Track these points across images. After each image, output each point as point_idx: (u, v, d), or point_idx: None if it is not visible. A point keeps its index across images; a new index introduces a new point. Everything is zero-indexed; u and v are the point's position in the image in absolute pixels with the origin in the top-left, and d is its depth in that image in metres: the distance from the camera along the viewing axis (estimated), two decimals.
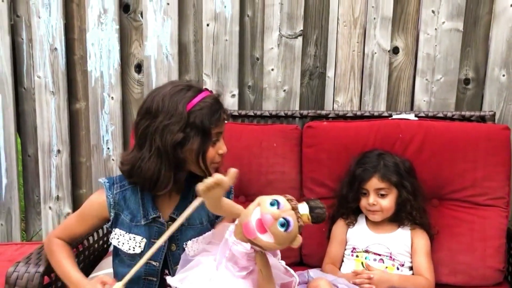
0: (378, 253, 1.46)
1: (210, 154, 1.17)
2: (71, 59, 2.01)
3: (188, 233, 1.22)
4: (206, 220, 1.26)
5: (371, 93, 1.84)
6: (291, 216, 1.03)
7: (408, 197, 1.44)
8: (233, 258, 1.07)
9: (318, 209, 1.07)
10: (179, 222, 1.06)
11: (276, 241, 1.02)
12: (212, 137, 1.16)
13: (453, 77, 1.79)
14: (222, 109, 1.18)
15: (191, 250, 1.20)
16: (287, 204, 1.05)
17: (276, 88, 1.90)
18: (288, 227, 1.02)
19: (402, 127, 1.58)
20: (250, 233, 1.03)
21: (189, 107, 1.13)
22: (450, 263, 1.47)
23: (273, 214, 1.02)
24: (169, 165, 1.14)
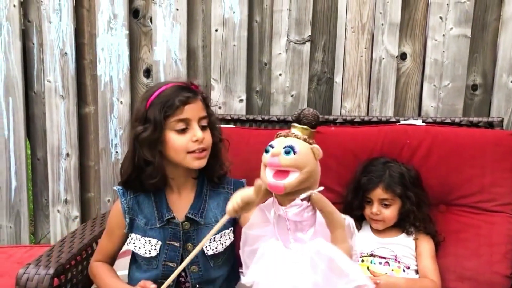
0: (383, 256, 1.46)
1: (179, 143, 1.17)
2: (81, 64, 2.04)
3: (204, 232, 1.23)
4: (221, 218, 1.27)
5: (379, 98, 1.85)
6: (289, 141, 1.02)
7: (411, 208, 1.45)
8: (296, 226, 1.06)
9: (302, 114, 1.06)
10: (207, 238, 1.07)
11: (301, 169, 1.00)
12: (168, 126, 1.17)
13: (460, 83, 1.79)
14: (178, 95, 1.17)
15: (209, 249, 1.22)
16: (278, 139, 1.05)
17: (284, 93, 1.91)
18: (293, 150, 1.00)
19: (409, 132, 1.58)
20: (278, 187, 1.01)
21: (149, 102, 1.18)
22: (457, 268, 1.46)
23: (273, 154, 1.01)
24: (132, 159, 1.18)
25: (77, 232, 1.45)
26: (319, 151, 1.05)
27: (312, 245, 1.05)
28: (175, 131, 1.18)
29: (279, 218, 1.06)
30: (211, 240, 1.23)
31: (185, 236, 1.23)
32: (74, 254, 1.32)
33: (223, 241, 1.25)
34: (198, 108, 1.20)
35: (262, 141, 1.61)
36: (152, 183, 1.20)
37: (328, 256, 1.03)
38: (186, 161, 1.19)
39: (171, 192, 1.27)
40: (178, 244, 1.22)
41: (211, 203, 1.26)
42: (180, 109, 1.17)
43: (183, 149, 1.18)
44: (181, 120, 1.17)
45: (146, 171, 1.19)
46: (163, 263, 1.23)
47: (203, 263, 1.24)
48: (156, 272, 1.23)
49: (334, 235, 1.06)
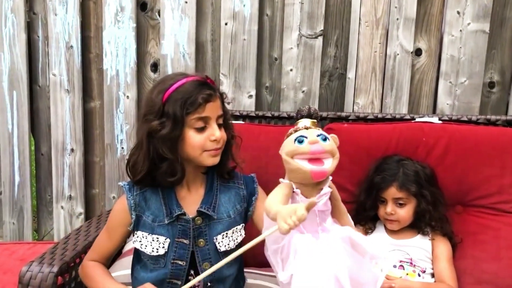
0: (398, 259, 1.41)
1: (198, 141, 1.14)
2: (86, 57, 2.01)
3: (217, 227, 1.19)
4: (234, 213, 1.23)
5: (393, 95, 1.81)
6: (316, 131, 1.07)
7: (427, 208, 1.41)
8: (323, 216, 1.09)
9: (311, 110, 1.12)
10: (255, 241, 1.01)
11: (333, 155, 1.06)
12: (188, 123, 1.13)
13: (478, 80, 1.75)
14: (200, 92, 1.12)
15: (222, 245, 1.19)
16: (301, 131, 1.07)
17: (294, 89, 1.87)
18: (326, 137, 1.06)
19: (425, 130, 1.54)
20: (323, 172, 1.04)
21: (166, 96, 1.13)
22: (475, 271, 1.42)
23: (312, 141, 1.04)
24: (148, 156, 1.14)
25: (81, 229, 1.42)
26: (337, 139, 1.11)
27: (336, 232, 1.09)
28: (194, 129, 1.14)
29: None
30: (223, 236, 1.19)
31: (197, 232, 1.19)
32: (79, 252, 1.28)
33: (234, 238, 1.21)
34: (217, 106, 1.17)
35: (272, 138, 1.61)
36: (172, 181, 1.16)
37: (350, 237, 1.08)
38: (202, 158, 1.16)
39: (180, 188, 1.23)
40: (188, 242, 1.18)
41: (222, 198, 1.22)
42: (202, 107, 1.13)
43: (200, 147, 1.15)
44: (201, 118, 1.14)
45: (161, 167, 1.15)
46: (172, 261, 1.19)
47: (215, 260, 1.20)
48: (164, 271, 1.19)
49: (343, 221, 1.13)
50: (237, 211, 1.23)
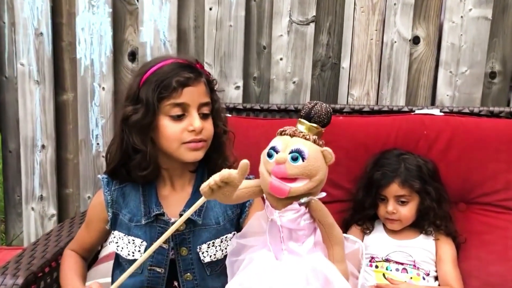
0: (400, 261, 1.34)
1: (173, 131, 1.03)
2: (58, 46, 1.89)
3: (202, 235, 1.09)
4: (224, 219, 1.12)
5: (390, 86, 1.73)
6: (296, 143, 0.91)
7: (431, 205, 1.34)
8: (290, 234, 0.94)
9: (314, 110, 0.95)
10: (177, 224, 0.92)
11: (311, 178, 0.91)
12: (162, 110, 1.03)
13: (479, 70, 1.68)
14: (177, 75, 1.02)
15: (207, 255, 1.08)
16: (282, 139, 0.93)
17: (284, 79, 1.79)
18: (302, 155, 0.90)
19: (426, 123, 1.47)
20: (282, 190, 0.90)
21: (143, 79, 1.04)
22: (481, 274, 1.35)
23: (278, 161, 0.90)
24: (121, 145, 1.05)
25: (52, 234, 1.29)
26: (331, 156, 0.94)
27: (308, 260, 0.93)
28: (170, 117, 1.03)
29: (272, 225, 0.95)
30: (209, 246, 1.08)
31: (179, 239, 1.08)
32: (48, 260, 1.17)
33: (223, 247, 1.10)
34: (200, 92, 1.05)
35: (262, 132, 1.53)
36: (142, 175, 1.06)
37: (325, 275, 0.92)
38: (179, 152, 1.05)
39: (163, 185, 1.12)
40: (167, 246, 1.07)
41: (211, 201, 1.11)
42: (177, 92, 1.02)
43: (176, 139, 1.04)
44: (177, 104, 1.03)
45: (134, 159, 1.05)
46: (148, 267, 1.08)
47: (198, 271, 1.09)
48: (140, 278, 1.09)
49: (332, 252, 0.95)
50: (227, 217, 1.12)
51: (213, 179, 0.85)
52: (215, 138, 1.10)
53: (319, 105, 0.95)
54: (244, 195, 0.96)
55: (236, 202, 0.96)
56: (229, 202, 0.92)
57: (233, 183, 0.85)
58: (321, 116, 0.95)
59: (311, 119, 0.95)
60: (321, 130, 0.95)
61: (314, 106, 0.95)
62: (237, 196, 0.93)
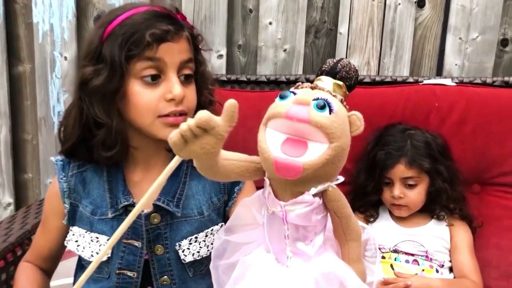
0: (410, 252, 1.23)
1: (146, 100, 0.85)
2: (11, 8, 1.73)
3: (182, 229, 0.92)
4: (209, 208, 0.95)
5: (393, 54, 1.61)
6: (322, 94, 0.71)
7: (443, 186, 1.23)
8: (297, 232, 0.75)
9: (340, 65, 0.76)
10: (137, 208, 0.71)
11: (332, 140, 0.68)
12: (132, 72, 0.85)
13: (492, 36, 1.57)
14: (151, 27, 0.84)
15: (188, 253, 0.92)
16: (301, 89, 0.73)
17: (274, 47, 1.65)
18: (330, 106, 0.69)
19: (438, 94, 1.36)
20: (293, 167, 0.68)
21: (107, 31, 0.86)
22: (500, 264, 1.26)
23: (299, 101, 0.69)
24: (79, 117, 0.87)
25: (1, 227, 1.10)
26: (360, 123, 0.74)
27: (319, 264, 0.76)
28: (142, 81, 0.86)
29: (273, 218, 0.75)
30: (191, 242, 0.91)
31: (153, 234, 0.91)
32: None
33: (208, 242, 0.94)
34: (182, 49, 0.88)
35: (250, 106, 1.37)
36: (107, 156, 0.88)
37: (340, 281, 0.75)
38: (154, 127, 0.88)
39: (133, 168, 0.95)
40: (140, 244, 0.90)
41: (193, 187, 0.95)
42: (151, 48, 0.84)
43: (150, 111, 0.87)
44: (152, 65, 0.85)
45: (96, 135, 0.88)
46: (117, 271, 0.92)
47: (178, 272, 0.93)
48: (108, 284, 0.93)
49: (346, 250, 0.77)
50: (213, 205, 0.96)
51: (186, 124, 0.64)
52: (199, 109, 0.92)
53: (346, 61, 0.78)
54: (234, 170, 0.73)
55: (223, 178, 0.74)
56: (212, 173, 0.71)
57: (215, 131, 0.64)
58: (349, 72, 0.76)
59: (337, 75, 0.76)
60: (346, 93, 0.77)
61: (340, 61, 0.77)
62: (224, 167, 0.71)
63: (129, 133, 0.90)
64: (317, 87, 0.74)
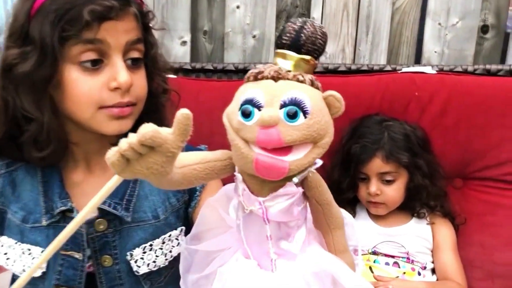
0: (390, 254, 1.17)
1: (86, 89, 0.74)
2: None
3: (134, 236, 0.82)
4: (166, 211, 0.85)
5: (369, 41, 1.54)
6: (288, 90, 0.61)
7: (423, 182, 1.18)
8: (279, 230, 0.67)
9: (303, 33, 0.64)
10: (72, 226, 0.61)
11: (316, 140, 0.62)
12: (67, 56, 0.73)
13: (473, 22, 1.50)
14: (90, 2, 0.72)
15: (142, 264, 0.81)
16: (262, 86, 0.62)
17: (242, 33, 1.56)
18: (303, 108, 0.60)
19: (418, 83, 1.29)
20: (278, 169, 0.61)
21: (35, 7, 0.74)
22: (484, 263, 1.21)
23: (264, 122, 0.59)
24: (4, 110, 0.76)
25: None
26: (340, 104, 0.65)
27: (306, 261, 0.68)
28: (80, 67, 0.74)
29: (250, 219, 0.67)
30: (145, 250, 0.80)
31: (99, 243, 0.80)
32: None
33: (166, 250, 0.84)
34: (128, 28, 0.77)
35: (216, 96, 1.28)
36: (40, 157, 0.77)
37: (332, 276, 0.68)
38: (96, 121, 0.77)
39: (73, 167, 0.84)
40: (81, 256, 0.80)
41: (147, 186, 0.84)
42: (91, 28, 0.73)
43: (91, 101, 0.76)
44: (92, 48, 0.74)
45: (26, 132, 0.76)
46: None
47: (131, 287, 0.82)
48: None
49: (331, 240, 0.70)
50: (170, 207, 0.86)
51: (126, 142, 0.55)
52: (151, 99, 0.83)
53: (309, 25, 0.65)
54: (198, 175, 0.65)
55: (186, 186, 0.66)
56: (169, 186, 0.63)
57: (163, 148, 0.54)
58: (316, 42, 0.65)
59: (301, 48, 0.64)
60: (315, 64, 0.66)
61: (303, 27, 0.64)
62: (184, 176, 0.63)
63: (67, 127, 0.79)
64: (280, 74, 0.63)
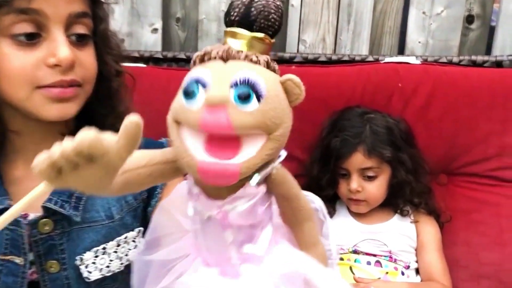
0: (372, 253, 1.13)
1: (20, 65, 0.66)
2: None
3: (84, 238, 0.74)
4: (120, 210, 0.78)
5: (350, 30, 1.48)
6: (240, 70, 0.53)
7: (407, 178, 1.14)
8: (242, 234, 0.59)
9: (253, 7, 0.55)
10: None
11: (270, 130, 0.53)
12: None
13: (458, 11, 1.45)
14: None
15: (94, 269, 0.73)
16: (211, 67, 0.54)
17: (218, 20, 1.50)
18: (256, 90, 0.52)
19: (401, 73, 1.25)
20: (227, 174, 0.52)
21: None
22: (471, 263, 1.17)
23: (211, 101, 0.50)
24: None
25: None
26: (300, 89, 0.57)
27: (274, 263, 0.61)
28: (13, 41, 0.66)
29: (209, 224, 0.59)
30: (97, 254, 0.73)
31: (44, 247, 0.72)
32: None
33: (121, 253, 0.76)
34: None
35: None
36: None
37: (303, 277, 0.61)
38: (32, 103, 0.68)
39: (13, 160, 0.76)
40: (22, 261, 0.72)
41: None
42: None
43: (25, 79, 0.67)
44: (26, 19, 0.66)
45: None
46: None
47: None
48: None
49: (301, 234, 0.63)
50: (127, 206, 0.78)
51: (59, 149, 0.46)
52: (101, 82, 0.74)
53: (269, 4, 0.55)
54: (145, 179, 0.56)
55: (134, 190, 0.58)
56: (112, 194, 0.55)
57: (104, 160, 0.46)
58: (269, 18, 0.55)
59: (253, 25, 0.55)
60: (270, 43, 0.57)
61: (252, 0, 0.55)
62: (126, 183, 0.54)
63: (4, 113, 0.70)
64: (231, 54, 0.54)
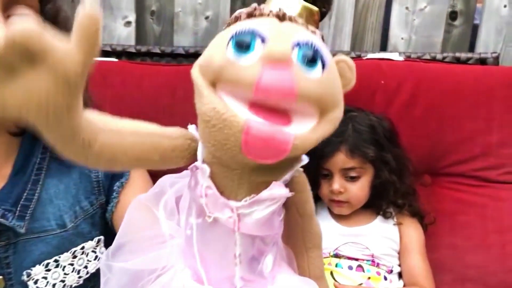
0: (354, 257, 1.09)
1: None
2: None
3: (33, 249, 0.69)
4: (73, 218, 0.72)
5: (332, 25, 1.45)
6: (302, 32, 0.46)
7: (390, 178, 1.11)
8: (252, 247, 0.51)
9: None
10: None
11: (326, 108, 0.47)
12: None
13: (442, 6, 1.44)
14: None
15: (45, 284, 0.68)
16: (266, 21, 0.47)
17: (194, 14, 1.46)
18: (321, 57, 0.45)
19: (384, 70, 1.22)
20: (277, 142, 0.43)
21: None
22: (455, 266, 1.15)
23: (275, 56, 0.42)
24: None
25: None
26: (352, 74, 0.52)
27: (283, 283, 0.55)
28: None
29: (212, 229, 0.51)
30: (47, 268, 0.69)
31: None
32: None
33: (79, 266, 0.71)
34: None
35: (164, 82, 1.20)
36: None
37: None
38: None
39: None
40: None
41: (51, 188, 0.71)
42: None
43: None
44: None
45: None
46: None
47: None
48: None
49: (305, 263, 0.58)
50: (82, 213, 0.73)
51: None
52: None
53: None
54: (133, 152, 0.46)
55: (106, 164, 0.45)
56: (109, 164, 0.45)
57: (49, 59, 0.34)
58: None
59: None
60: (317, 20, 0.53)
61: None
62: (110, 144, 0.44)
63: None
64: (286, 15, 0.47)
